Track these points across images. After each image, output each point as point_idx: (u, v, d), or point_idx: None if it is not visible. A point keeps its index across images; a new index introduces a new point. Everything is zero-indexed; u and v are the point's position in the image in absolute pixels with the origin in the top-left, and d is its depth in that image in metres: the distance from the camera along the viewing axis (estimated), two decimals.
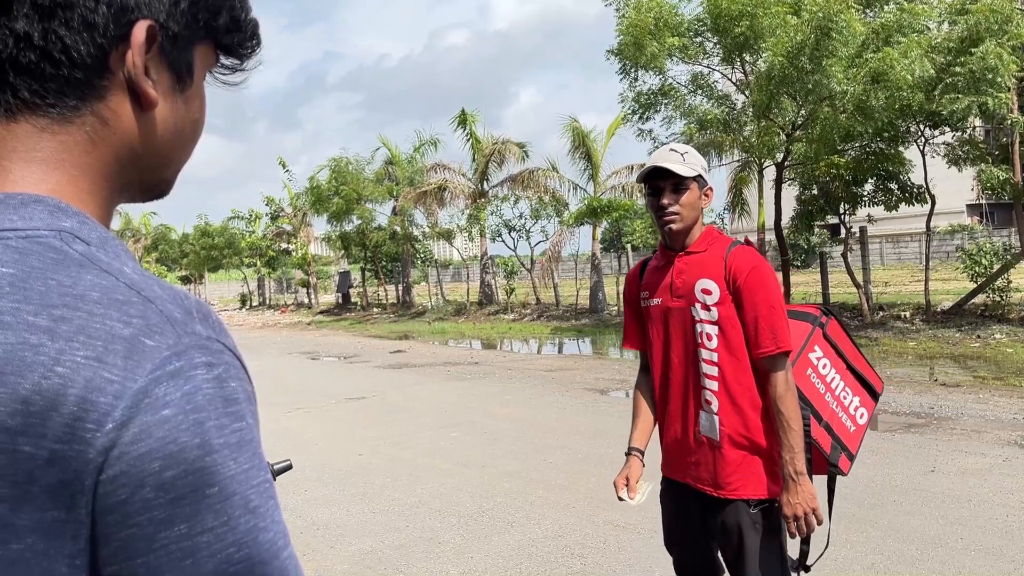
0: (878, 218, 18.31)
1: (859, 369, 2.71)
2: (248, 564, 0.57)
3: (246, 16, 0.77)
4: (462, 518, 5.44)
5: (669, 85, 17.32)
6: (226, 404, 0.59)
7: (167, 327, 0.59)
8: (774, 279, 2.48)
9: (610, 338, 18.77)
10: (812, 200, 17.62)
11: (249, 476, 0.59)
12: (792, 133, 16.05)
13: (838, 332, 2.73)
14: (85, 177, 0.68)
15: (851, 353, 2.72)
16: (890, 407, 8.75)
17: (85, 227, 0.64)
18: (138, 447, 0.55)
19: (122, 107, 0.68)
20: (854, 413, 2.66)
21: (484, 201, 27.59)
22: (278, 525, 0.61)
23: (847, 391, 2.66)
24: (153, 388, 0.56)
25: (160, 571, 0.55)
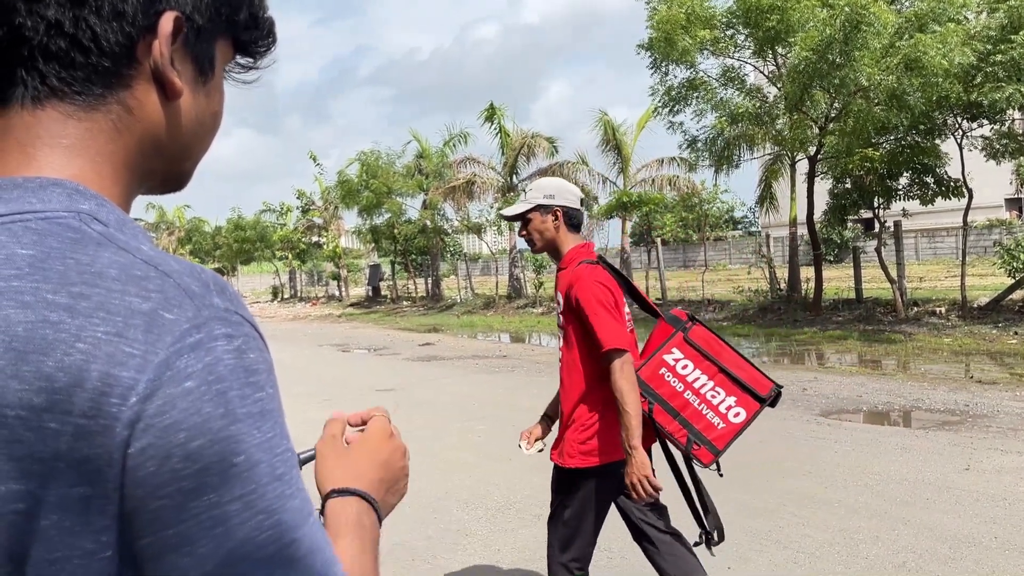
0: (913, 212, 18.01)
1: (733, 372, 2.96)
2: (278, 530, 0.58)
3: (264, 13, 0.79)
4: (489, 511, 5.46)
5: (700, 78, 17.18)
6: (247, 374, 0.60)
7: (186, 300, 0.60)
8: (594, 292, 2.90)
9: (640, 333, 18.62)
10: (845, 194, 17.36)
11: (273, 444, 0.60)
12: (825, 126, 15.83)
13: (706, 337, 3.03)
14: (108, 164, 0.69)
15: (726, 357, 2.98)
16: (924, 404, 8.63)
17: (103, 209, 0.65)
18: (163, 419, 0.56)
19: (147, 96, 0.69)
20: (725, 412, 2.93)
21: (513, 195, 27.58)
22: (303, 492, 0.63)
23: (718, 391, 2.95)
24: (175, 360, 0.57)
25: (192, 540, 0.56)
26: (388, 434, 0.95)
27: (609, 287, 2.97)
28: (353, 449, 0.92)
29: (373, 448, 0.92)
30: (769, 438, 7.20)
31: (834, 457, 6.47)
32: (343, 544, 0.77)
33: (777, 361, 12.98)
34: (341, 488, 0.85)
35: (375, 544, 0.82)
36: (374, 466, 0.90)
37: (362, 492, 0.85)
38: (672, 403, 2.96)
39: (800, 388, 9.79)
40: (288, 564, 0.58)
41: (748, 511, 5.21)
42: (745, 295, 20.70)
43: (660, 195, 25.10)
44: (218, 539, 0.56)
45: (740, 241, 50.48)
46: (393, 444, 0.95)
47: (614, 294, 2.97)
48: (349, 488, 0.85)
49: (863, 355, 12.99)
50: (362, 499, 0.85)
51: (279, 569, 0.58)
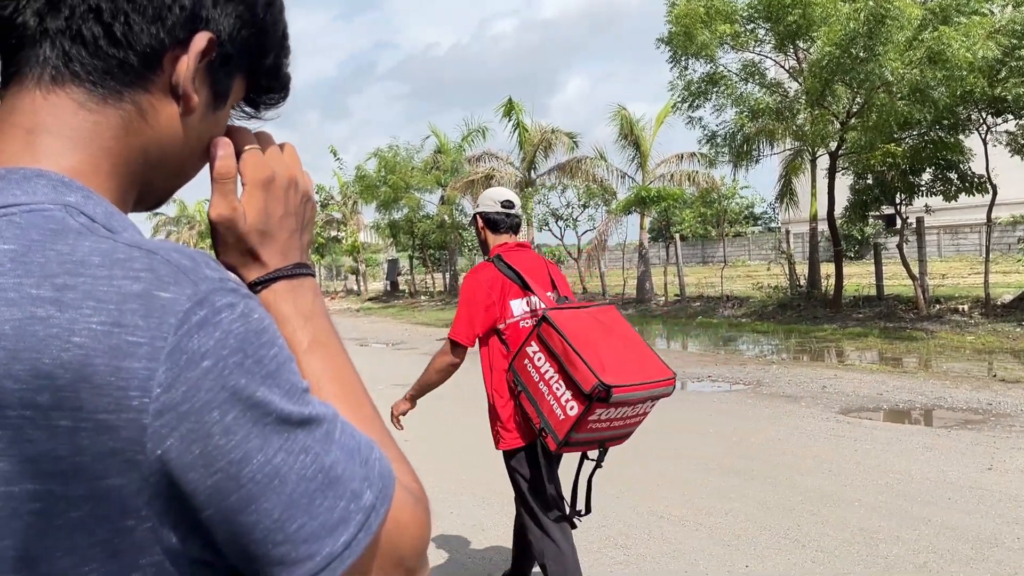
0: (936, 208, 17.81)
1: (567, 368, 3.03)
2: (318, 461, 0.61)
3: (286, 68, 0.82)
4: (505, 506, 5.44)
5: (720, 73, 17.06)
6: (258, 336, 0.61)
7: (180, 276, 0.59)
8: (464, 287, 3.45)
9: (657, 328, 18.62)
10: (867, 190, 17.20)
11: (292, 391, 0.62)
12: (847, 121, 15.68)
13: (550, 333, 3.12)
14: (108, 160, 0.68)
15: (564, 353, 3.05)
16: (946, 402, 8.53)
17: (90, 202, 0.64)
18: (192, 403, 0.57)
19: (162, 105, 0.70)
20: (564, 404, 3.04)
21: (531, 190, 27.54)
22: (319, 411, 0.64)
23: (560, 384, 3.06)
24: (186, 343, 0.57)
25: (254, 499, 0.59)
26: (266, 170, 0.78)
27: (484, 284, 3.38)
28: (251, 211, 0.77)
29: (263, 202, 0.77)
30: (788, 436, 7.15)
31: (854, 455, 6.41)
32: (315, 373, 0.74)
33: (796, 358, 12.89)
34: (264, 277, 0.77)
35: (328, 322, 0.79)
36: (280, 220, 0.78)
37: (286, 271, 0.77)
38: (532, 392, 3.16)
39: (820, 386, 9.72)
40: (335, 482, 0.62)
41: (766, 509, 5.17)
42: (764, 292, 20.57)
43: (679, 190, 24.93)
44: (276, 491, 0.59)
45: (760, 237, 50.16)
46: (278, 177, 0.78)
47: (487, 290, 3.36)
48: (271, 274, 0.77)
49: (884, 352, 12.86)
50: (291, 278, 0.78)
51: (331, 490, 0.61)
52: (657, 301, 23.17)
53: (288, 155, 0.81)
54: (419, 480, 0.74)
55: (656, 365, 3.14)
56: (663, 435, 7.29)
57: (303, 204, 0.81)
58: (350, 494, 0.63)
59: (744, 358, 12.99)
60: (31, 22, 0.65)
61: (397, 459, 0.73)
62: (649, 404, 3.14)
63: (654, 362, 3.16)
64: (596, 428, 3.06)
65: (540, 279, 3.48)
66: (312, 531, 0.61)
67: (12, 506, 0.56)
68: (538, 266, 3.55)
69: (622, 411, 3.06)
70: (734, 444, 6.92)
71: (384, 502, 0.65)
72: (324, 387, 0.74)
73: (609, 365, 3.02)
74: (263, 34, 0.77)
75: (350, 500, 0.62)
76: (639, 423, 3.21)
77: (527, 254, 3.57)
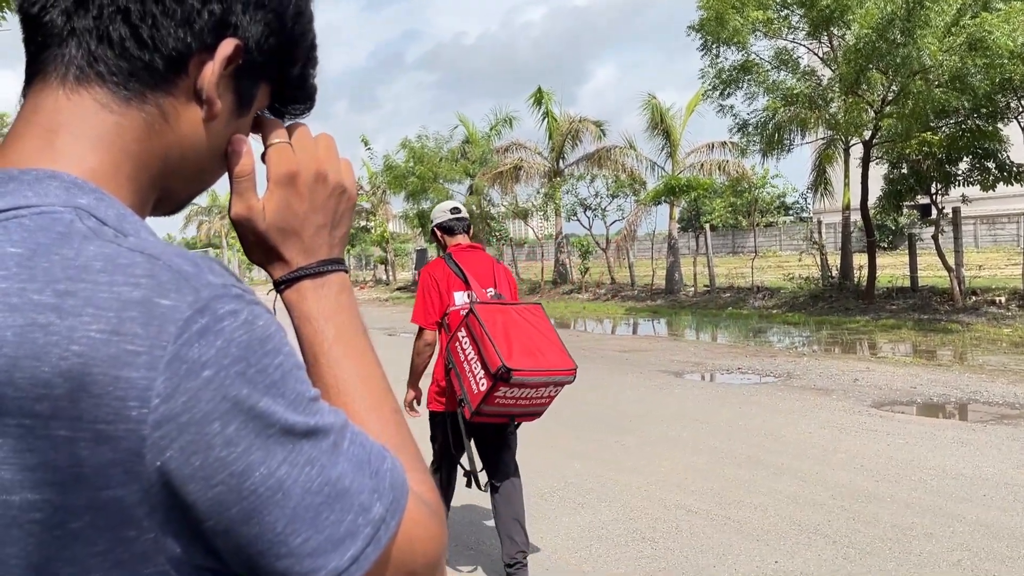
0: (973, 198, 17.45)
1: (483, 352, 3.64)
2: (324, 474, 0.60)
3: (312, 78, 0.81)
4: (532, 498, 5.43)
5: (752, 60, 16.85)
6: (262, 344, 0.59)
7: (181, 283, 0.57)
8: (420, 280, 4.12)
9: (687, 319, 18.49)
10: (902, 179, 16.90)
11: (298, 401, 0.61)
12: (882, 109, 15.41)
13: (474, 323, 3.71)
14: (129, 163, 0.67)
15: (481, 339, 3.64)
16: (981, 396, 8.37)
17: (102, 204, 0.63)
18: (192, 414, 0.55)
19: (185, 109, 0.69)
20: (478, 381, 3.66)
21: (560, 180, 27.45)
22: (328, 420, 0.63)
23: (477, 364, 3.67)
24: (186, 352, 0.55)
25: (257, 511, 0.57)
26: (289, 165, 0.75)
27: (435, 277, 4.06)
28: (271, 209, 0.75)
29: (284, 200, 0.75)
30: (818, 430, 7.06)
31: (887, 450, 6.31)
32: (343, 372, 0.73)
33: (828, 350, 12.73)
34: (287, 276, 0.75)
35: (354, 319, 0.77)
36: (304, 217, 0.76)
37: (310, 269, 0.76)
38: (459, 369, 3.77)
39: (851, 379, 9.59)
40: (343, 495, 0.60)
41: (796, 504, 5.11)
42: (795, 282, 20.33)
43: (709, 180, 24.70)
44: (279, 504, 0.58)
45: (791, 227, 49.57)
46: (303, 172, 0.76)
47: (436, 282, 4.04)
48: (293, 273, 0.75)
49: (918, 345, 12.66)
50: (316, 276, 0.76)
51: (337, 503, 0.60)
52: (686, 292, 23.00)
53: (323, 148, 0.78)
54: (435, 490, 0.71)
55: (560, 358, 3.70)
56: (691, 428, 7.24)
57: (335, 198, 0.78)
58: (358, 507, 0.61)
59: (774, 350, 12.85)
60: (58, 20, 0.65)
61: (414, 468, 0.70)
62: (552, 389, 3.73)
63: (559, 355, 3.71)
64: (503, 404, 3.68)
65: (482, 277, 4.07)
66: (317, 545, 0.59)
67: (12, 515, 0.55)
68: (484, 266, 4.15)
69: (525, 392, 3.66)
70: (763, 438, 6.85)
71: (395, 515, 0.63)
72: (344, 388, 0.72)
73: (516, 353, 3.61)
74: (291, 44, 0.76)
75: (358, 513, 0.61)
76: (546, 404, 3.81)
77: (476, 255, 4.19)
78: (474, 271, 4.05)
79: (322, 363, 0.73)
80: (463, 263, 4.06)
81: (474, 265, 4.09)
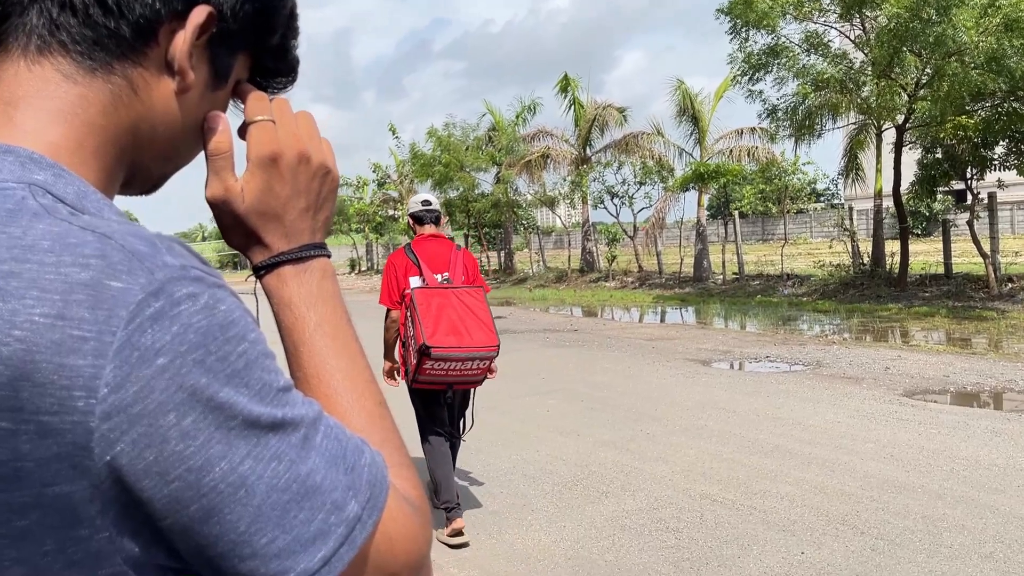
0: (1009, 183, 17.08)
1: (414, 330, 4.25)
2: (293, 469, 0.56)
3: (294, 49, 0.78)
4: (556, 486, 5.41)
5: (781, 44, 16.59)
6: (223, 330, 0.55)
7: (134, 264, 0.53)
8: (385, 266, 4.72)
9: (715, 307, 18.33)
10: (936, 164, 16.58)
11: (265, 391, 0.57)
12: (915, 92, 15.10)
13: (411, 305, 4.31)
14: (94, 137, 0.64)
15: (414, 319, 4.25)
16: (1017, 385, 8.19)
17: (61, 180, 0.59)
18: (145, 405, 0.51)
19: (155, 81, 0.66)
20: (413, 355, 4.26)
21: (587, 167, 27.29)
22: (300, 411, 0.59)
23: (413, 341, 4.27)
24: (138, 339, 0.52)
25: (217, 510, 0.54)
26: (271, 145, 0.71)
27: (394, 264, 4.65)
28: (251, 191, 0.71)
29: (265, 182, 0.71)
30: (848, 419, 6.95)
31: (918, 440, 6.19)
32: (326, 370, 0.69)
33: (858, 338, 12.53)
34: (266, 261, 0.72)
35: (337, 307, 0.73)
36: (287, 200, 0.72)
37: (291, 254, 0.72)
38: (406, 344, 4.40)
39: (882, 367, 9.43)
40: (313, 492, 0.57)
41: (824, 494, 5.03)
42: (826, 270, 20.04)
43: (738, 166, 24.39)
44: (242, 501, 0.54)
45: (822, 214, 48.91)
46: (286, 153, 0.72)
47: (395, 268, 4.63)
48: (274, 258, 0.72)
49: (951, 333, 12.42)
50: (297, 261, 0.72)
51: (307, 501, 0.56)
52: (715, 280, 22.79)
53: (304, 126, 0.75)
54: (420, 487, 0.68)
55: (486, 336, 4.27)
56: (717, 416, 7.16)
57: (318, 180, 0.75)
58: (330, 505, 0.57)
59: (804, 338, 12.68)
60: None
61: (398, 463, 0.67)
62: (478, 363, 4.30)
63: (485, 333, 4.27)
64: (434, 373, 4.27)
65: (436, 263, 4.62)
66: (284, 546, 0.55)
67: None
68: (440, 253, 4.67)
69: (452, 364, 4.24)
70: (791, 426, 6.75)
71: (373, 513, 0.59)
72: (325, 378, 0.69)
73: (440, 331, 4.18)
74: (268, 11, 0.72)
75: (330, 512, 0.57)
76: (479, 374, 4.38)
77: (436, 243, 4.72)
78: (429, 258, 4.63)
79: (303, 352, 0.70)
80: (420, 251, 4.66)
81: (430, 253, 4.66)
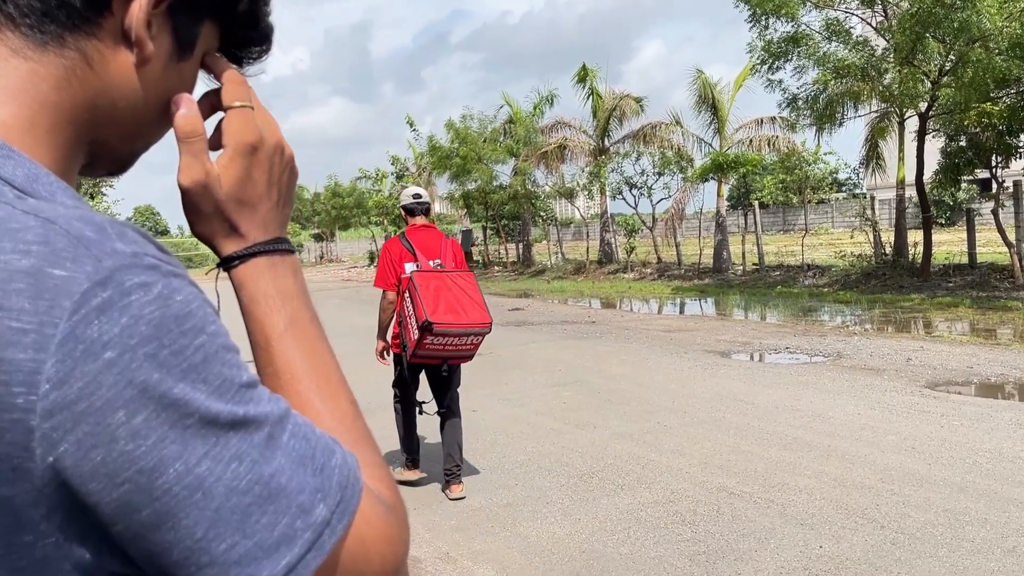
0: None
1: (415, 308, 4.72)
2: (255, 470, 0.53)
3: (265, 16, 0.74)
4: (571, 478, 5.38)
5: (801, 32, 16.39)
6: (179, 322, 0.51)
7: (80, 251, 0.50)
8: (381, 253, 5.27)
9: (735, 299, 18.19)
10: (959, 152, 16.34)
11: (224, 388, 0.53)
12: (939, 79, 14.88)
13: (410, 286, 4.78)
14: (47, 115, 0.60)
15: (414, 299, 4.72)
16: None
17: (9, 162, 0.56)
18: (91, 402, 0.48)
19: (112, 54, 0.62)
20: (413, 331, 4.76)
21: (605, 158, 27.14)
22: (266, 409, 0.56)
23: (413, 319, 4.76)
24: (83, 331, 0.48)
25: (171, 515, 0.50)
26: (254, 133, 0.69)
27: (390, 251, 5.18)
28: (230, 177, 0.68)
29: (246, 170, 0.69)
30: (868, 411, 6.86)
31: (940, 432, 6.09)
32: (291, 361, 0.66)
33: (880, 329, 12.38)
34: (242, 251, 0.69)
35: (308, 304, 0.70)
36: (264, 190, 0.70)
37: (267, 246, 0.70)
38: (405, 322, 4.90)
39: (904, 358, 9.30)
40: (277, 494, 0.53)
41: (844, 487, 4.95)
42: (848, 260, 19.83)
43: (758, 156, 24.13)
44: (199, 505, 0.50)
45: (843, 204, 48.37)
46: (266, 141, 0.70)
47: (391, 255, 5.15)
48: (250, 248, 0.69)
49: (975, 323, 12.24)
50: (271, 253, 0.70)
51: (270, 504, 0.53)
52: (735, 271, 22.62)
53: (270, 116, 0.72)
54: (395, 487, 0.64)
55: (479, 314, 4.77)
56: (736, 408, 7.09)
57: (287, 173, 0.72)
58: (296, 508, 0.54)
59: (824, 329, 12.55)
60: None
61: (372, 463, 0.63)
62: (473, 338, 4.81)
63: (479, 312, 4.78)
64: (433, 348, 4.77)
65: (429, 250, 5.12)
66: (245, 552, 0.52)
67: None
68: (432, 241, 5.19)
69: (450, 340, 4.73)
70: (810, 418, 6.67)
71: (343, 517, 0.56)
72: (298, 377, 0.66)
73: (440, 310, 4.68)
74: None
75: (296, 516, 0.54)
76: (472, 349, 4.89)
77: (428, 232, 5.24)
78: (422, 246, 5.13)
79: (275, 348, 0.66)
80: (414, 240, 5.16)
81: (423, 241, 5.17)
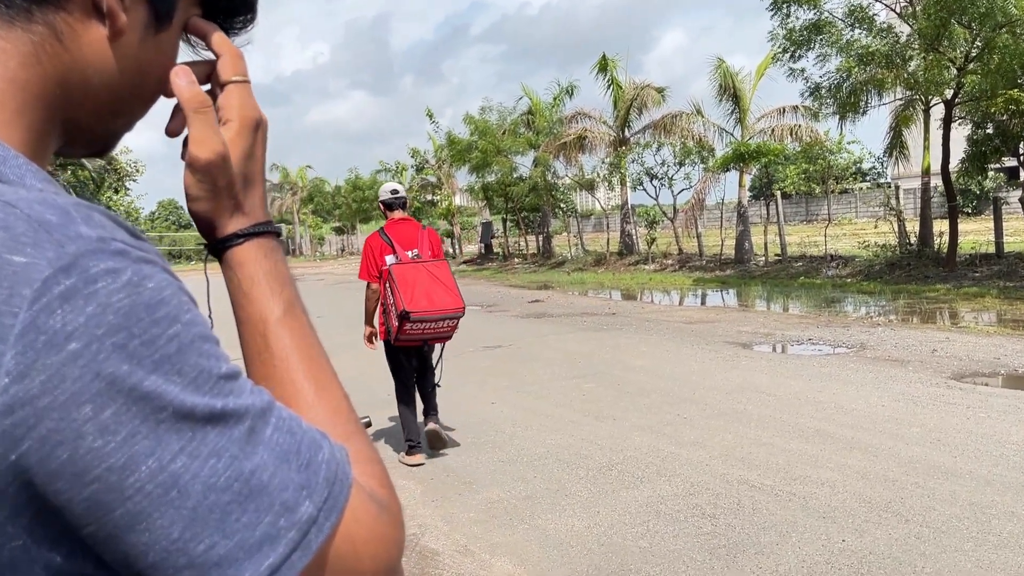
0: None
1: (394, 298, 5.29)
2: (235, 466, 0.50)
3: None
4: (591, 471, 5.35)
5: (824, 19, 16.17)
6: (150, 311, 0.49)
7: (41, 235, 0.47)
8: (364, 248, 5.72)
9: (756, 289, 18.03)
10: (986, 140, 16.08)
11: (201, 380, 0.50)
12: (964, 66, 14.63)
13: (390, 278, 5.33)
14: (18, 94, 0.57)
15: (394, 289, 5.28)
16: None
17: None
18: (55, 396, 0.45)
19: (83, 26, 0.59)
20: (394, 319, 5.33)
21: (625, 149, 26.99)
22: (248, 401, 0.53)
23: (393, 307, 5.34)
24: (44, 320, 0.46)
25: (145, 514, 0.47)
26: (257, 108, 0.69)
27: (371, 246, 5.65)
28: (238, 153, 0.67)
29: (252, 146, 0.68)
30: (892, 403, 6.76)
31: (966, 424, 6.00)
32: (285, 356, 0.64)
33: (905, 320, 12.22)
34: (249, 229, 0.67)
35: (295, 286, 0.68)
36: (262, 168, 0.69)
37: (270, 226, 0.68)
38: (388, 310, 5.44)
39: (929, 349, 9.17)
40: (259, 492, 0.51)
41: (867, 480, 4.89)
42: (871, 250, 19.59)
43: (780, 146, 23.88)
44: (174, 504, 0.48)
45: (867, 194, 47.87)
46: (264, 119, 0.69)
47: (372, 249, 5.63)
48: (258, 227, 0.67)
49: (1003, 313, 12.05)
50: (270, 235, 0.68)
51: (252, 502, 0.50)
52: (757, 261, 22.43)
53: None
54: (389, 484, 0.61)
55: (453, 300, 5.33)
56: (757, 400, 7.02)
57: (257, 142, 0.70)
58: (280, 506, 0.51)
59: (848, 320, 12.41)
60: None
61: (365, 459, 0.60)
62: (449, 322, 5.38)
63: (452, 298, 5.33)
64: (413, 333, 5.34)
65: (406, 242, 5.59)
66: (226, 553, 0.49)
67: None
68: (410, 233, 5.65)
69: (428, 324, 5.30)
70: (833, 410, 6.59)
71: (331, 515, 0.53)
72: (293, 365, 0.63)
73: (416, 298, 5.22)
74: None
75: (280, 514, 0.51)
76: (450, 331, 5.48)
77: (406, 225, 5.71)
78: (400, 238, 5.62)
79: (272, 332, 0.64)
80: (392, 233, 5.65)
81: (401, 234, 5.65)
